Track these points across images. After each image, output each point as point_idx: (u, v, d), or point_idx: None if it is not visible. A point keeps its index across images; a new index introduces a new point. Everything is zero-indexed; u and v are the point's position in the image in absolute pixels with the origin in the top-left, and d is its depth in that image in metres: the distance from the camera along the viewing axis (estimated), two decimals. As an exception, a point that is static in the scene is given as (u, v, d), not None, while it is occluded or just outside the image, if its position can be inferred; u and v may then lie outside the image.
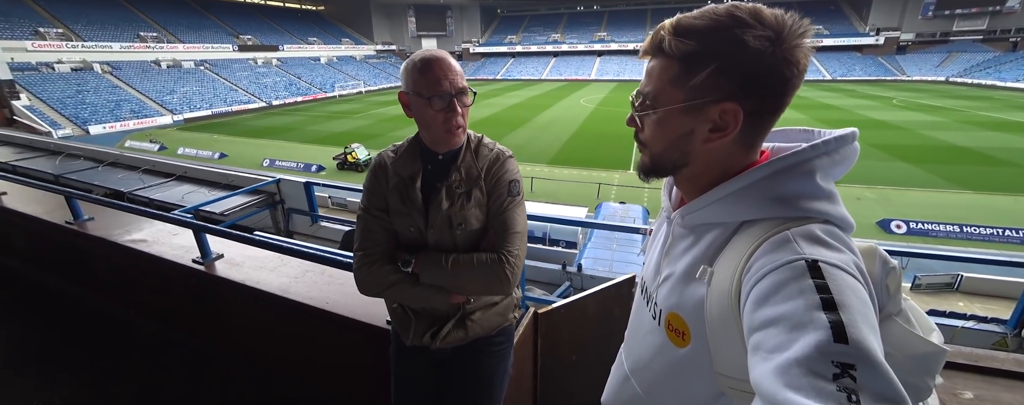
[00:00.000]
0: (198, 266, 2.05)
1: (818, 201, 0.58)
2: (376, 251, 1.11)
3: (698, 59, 0.58)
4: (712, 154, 0.64)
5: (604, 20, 65.97)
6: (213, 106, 32.99)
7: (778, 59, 0.55)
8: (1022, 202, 12.11)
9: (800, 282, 0.49)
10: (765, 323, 0.49)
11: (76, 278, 2.86)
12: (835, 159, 0.61)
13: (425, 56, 1.01)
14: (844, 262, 0.51)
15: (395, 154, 1.15)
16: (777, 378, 0.44)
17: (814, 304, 0.47)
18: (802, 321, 0.46)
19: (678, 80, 0.60)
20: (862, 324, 0.45)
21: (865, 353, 0.43)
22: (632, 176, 15.57)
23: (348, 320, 1.60)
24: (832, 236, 0.55)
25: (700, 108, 0.60)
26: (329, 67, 51.04)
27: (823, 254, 0.52)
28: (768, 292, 0.51)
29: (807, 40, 0.56)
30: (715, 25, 0.57)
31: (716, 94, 0.58)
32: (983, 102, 29.28)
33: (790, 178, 0.60)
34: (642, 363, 0.79)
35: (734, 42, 0.55)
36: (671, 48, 0.60)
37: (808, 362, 0.43)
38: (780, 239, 0.55)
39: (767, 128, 0.63)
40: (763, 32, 0.54)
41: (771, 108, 0.59)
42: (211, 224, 2.31)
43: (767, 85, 0.57)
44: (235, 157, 19.39)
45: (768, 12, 0.56)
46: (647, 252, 0.86)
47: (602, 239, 7.81)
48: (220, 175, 5.48)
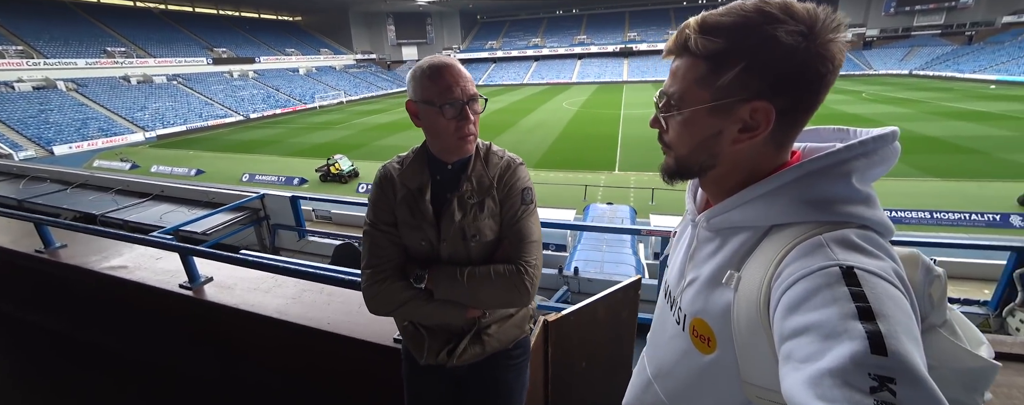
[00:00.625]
0: (186, 291, 1.94)
1: (854, 205, 0.56)
2: (387, 267, 1.05)
3: (727, 57, 0.55)
4: (741, 155, 0.61)
5: (583, 23, 66.98)
6: (188, 121, 32.12)
7: (812, 55, 0.52)
8: (986, 187, 12.66)
9: (834, 289, 0.47)
10: (796, 332, 0.47)
11: (55, 311, 2.69)
12: (874, 160, 0.57)
13: (434, 63, 0.97)
14: (883, 269, 0.48)
15: (401, 165, 1.10)
16: (808, 389, 0.42)
17: (849, 313, 0.44)
18: (836, 330, 0.44)
19: (705, 79, 0.58)
20: (903, 335, 0.42)
21: (907, 366, 0.40)
22: (617, 176, 15.73)
23: (353, 340, 1.53)
24: (869, 241, 0.52)
25: (729, 108, 0.57)
26: (308, 78, 50.36)
27: (859, 260, 0.49)
28: (799, 299, 0.49)
29: (842, 34, 0.54)
30: (744, 21, 0.54)
31: (746, 93, 0.55)
32: (945, 93, 30.66)
33: (824, 180, 0.57)
34: (666, 368, 0.76)
35: (765, 38, 0.53)
36: (697, 47, 0.57)
37: (842, 373, 0.41)
38: (812, 244, 0.53)
39: (800, 127, 0.60)
40: (795, 27, 0.52)
41: (805, 106, 0.56)
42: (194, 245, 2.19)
43: (801, 82, 0.54)
44: (213, 173, 18.87)
45: (800, 6, 0.54)
46: (670, 255, 0.84)
47: (592, 241, 7.83)
48: (200, 193, 5.29)
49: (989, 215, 10.74)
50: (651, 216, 10.02)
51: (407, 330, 1.17)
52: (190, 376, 2.18)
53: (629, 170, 16.38)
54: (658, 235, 2.40)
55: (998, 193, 12.14)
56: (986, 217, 10.70)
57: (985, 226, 10.57)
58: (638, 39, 59.72)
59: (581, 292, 4.87)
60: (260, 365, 1.96)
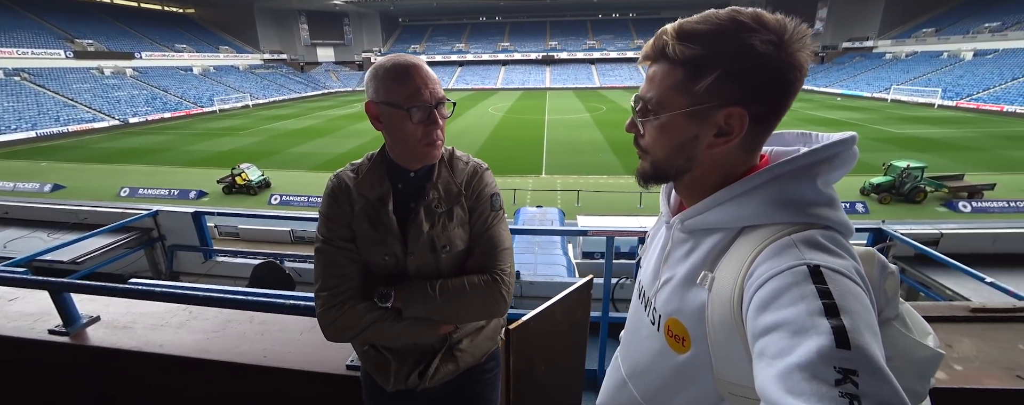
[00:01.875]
0: (60, 338, 1.55)
1: (819, 206, 0.59)
2: (345, 288, 0.94)
3: (704, 64, 0.57)
4: (716, 159, 0.64)
5: (507, 31, 68.48)
6: (38, 126, 26.41)
7: (783, 63, 0.56)
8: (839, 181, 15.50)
9: (802, 287, 0.49)
10: (768, 329, 0.49)
11: None
12: (836, 164, 0.61)
13: (400, 62, 0.89)
14: (846, 268, 0.52)
15: (356, 174, 1.00)
16: (779, 384, 0.44)
17: (816, 310, 0.47)
18: (804, 326, 0.46)
19: (682, 85, 0.60)
20: (864, 330, 0.45)
21: (867, 359, 0.43)
22: (544, 180, 16.27)
23: (296, 373, 1.34)
24: (833, 242, 0.56)
25: (706, 113, 0.59)
26: (205, 78, 44.60)
27: (825, 260, 0.52)
28: (770, 297, 0.51)
29: (808, 44, 0.58)
30: (719, 30, 0.57)
31: (722, 99, 0.58)
32: (807, 103, 36.77)
33: (792, 183, 0.60)
34: (640, 368, 0.78)
35: (741, 46, 0.55)
36: (675, 53, 0.59)
37: (810, 367, 0.43)
38: (782, 244, 0.55)
39: (770, 131, 0.63)
40: (768, 36, 0.55)
41: (775, 112, 0.59)
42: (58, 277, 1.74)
43: (773, 89, 0.57)
44: (78, 188, 15.74)
45: (770, 16, 0.56)
46: (644, 256, 0.86)
47: (524, 243, 7.98)
48: (65, 213, 4.35)
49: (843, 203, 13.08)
50: (578, 217, 10.49)
51: (368, 354, 1.06)
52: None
53: (555, 173, 17.04)
54: (603, 235, 2.50)
55: (846, 185, 14.79)
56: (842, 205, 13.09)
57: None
58: (559, 48, 62.60)
59: (524, 296, 4.91)
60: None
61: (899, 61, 44.75)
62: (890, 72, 42.45)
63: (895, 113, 30.18)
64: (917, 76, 38.81)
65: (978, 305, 1.73)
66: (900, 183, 13.26)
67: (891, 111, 31.25)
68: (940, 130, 23.57)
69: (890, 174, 13.56)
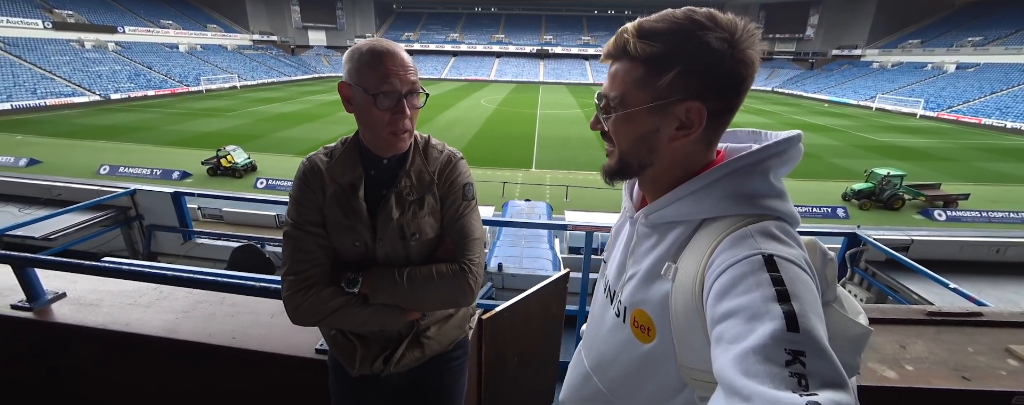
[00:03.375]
0: (24, 313, 1.52)
1: (772, 199, 0.63)
2: (312, 272, 0.94)
3: (664, 61, 0.60)
4: (677, 153, 0.66)
5: (502, 23, 67.75)
6: (13, 98, 25.43)
7: (735, 60, 0.59)
8: (821, 185, 15.75)
9: (757, 275, 0.53)
10: (726, 315, 0.52)
11: None
12: (784, 159, 0.66)
13: (375, 47, 0.89)
14: (795, 257, 0.55)
15: (329, 158, 0.99)
16: (735, 366, 0.46)
17: (770, 296, 0.50)
18: (759, 312, 0.49)
19: (643, 81, 0.62)
20: (811, 314, 0.49)
21: (814, 341, 0.46)
22: (534, 174, 16.26)
23: (264, 355, 1.33)
24: (784, 232, 0.59)
25: (667, 107, 0.62)
26: (191, 56, 43.26)
27: (778, 249, 0.56)
28: (728, 285, 0.54)
29: (757, 42, 0.61)
30: (677, 28, 0.59)
31: (682, 93, 0.60)
32: (795, 108, 37.31)
33: (746, 177, 0.64)
34: (606, 360, 0.80)
35: (698, 44, 0.58)
36: (636, 50, 0.61)
37: (763, 350, 0.46)
38: (740, 235, 0.59)
39: (725, 126, 0.67)
40: (721, 34, 0.58)
41: (730, 106, 0.63)
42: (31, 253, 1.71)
43: (727, 84, 0.60)
44: (54, 164, 15.23)
45: (722, 16, 0.60)
46: (609, 251, 0.88)
47: (510, 237, 8.00)
48: (38, 188, 4.23)
49: (824, 208, 13.44)
50: (566, 212, 10.55)
51: (335, 339, 1.06)
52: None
53: (545, 168, 17.03)
54: (583, 230, 2.52)
55: (829, 190, 15.15)
56: (822, 209, 13.38)
57: (821, 217, 13.18)
58: (553, 42, 62.26)
59: (505, 288, 4.95)
60: (144, 396, 1.60)
61: (885, 70, 45.57)
62: (876, 81, 43.23)
63: (879, 121, 30.85)
64: (901, 86, 39.59)
65: (934, 309, 1.81)
66: (880, 190, 13.61)
67: (875, 119, 31.93)
68: (920, 140, 24.19)
69: (871, 181, 13.89)
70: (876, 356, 1.51)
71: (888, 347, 1.56)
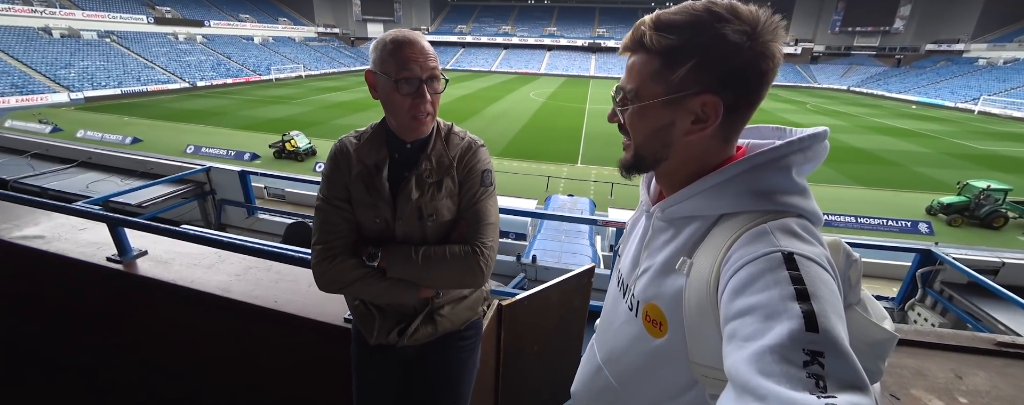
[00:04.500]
0: (115, 265, 1.79)
1: (793, 196, 0.61)
2: (338, 244, 1.03)
3: (680, 53, 0.59)
4: (692, 147, 0.65)
5: (554, 15, 66.86)
6: (123, 84, 29.05)
7: (756, 53, 0.57)
8: (901, 196, 14.15)
9: (776, 273, 0.51)
10: (741, 312, 0.51)
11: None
12: (808, 155, 0.64)
13: (397, 36, 0.95)
14: (816, 255, 0.54)
15: (358, 140, 1.07)
16: (751, 365, 0.45)
17: (789, 295, 0.49)
18: (777, 310, 0.48)
19: (659, 74, 0.61)
20: (832, 314, 0.47)
21: (833, 341, 0.45)
22: (579, 169, 16.05)
23: (301, 319, 1.48)
24: (806, 230, 0.58)
25: (681, 101, 0.61)
26: (264, 48, 46.94)
27: (798, 247, 0.54)
28: (745, 282, 0.53)
29: (781, 35, 0.59)
30: (695, 20, 0.58)
31: (697, 87, 0.59)
32: (875, 109, 33.64)
33: (768, 173, 0.62)
34: (617, 354, 0.80)
35: (714, 36, 0.57)
36: (652, 43, 0.60)
37: (781, 350, 0.45)
38: (758, 232, 0.57)
39: (744, 121, 0.65)
40: (741, 27, 0.56)
41: (748, 101, 0.61)
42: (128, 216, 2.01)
43: (745, 78, 0.59)
44: (152, 142, 17.27)
45: (744, 8, 0.58)
46: (623, 245, 0.88)
47: (551, 230, 7.97)
48: (136, 162, 4.83)
49: (902, 222, 12.03)
50: (609, 209, 10.34)
51: (358, 309, 1.16)
52: (117, 357, 2.02)
53: (591, 164, 16.74)
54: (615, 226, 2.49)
55: (911, 202, 13.59)
56: (900, 223, 11.98)
57: (898, 231, 11.83)
58: (606, 35, 60.47)
59: (537, 280, 4.97)
60: (200, 344, 1.85)
61: (994, 68, 39.71)
62: (982, 80, 37.81)
63: (982, 127, 27.02)
64: (1016, 86, 34.31)
65: (1007, 339, 1.61)
66: (976, 205, 11.91)
67: (977, 124, 28.02)
68: (1035, 150, 21.00)
69: (965, 194, 12.21)
70: (924, 383, 1.37)
71: (941, 375, 1.41)
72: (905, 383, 1.37)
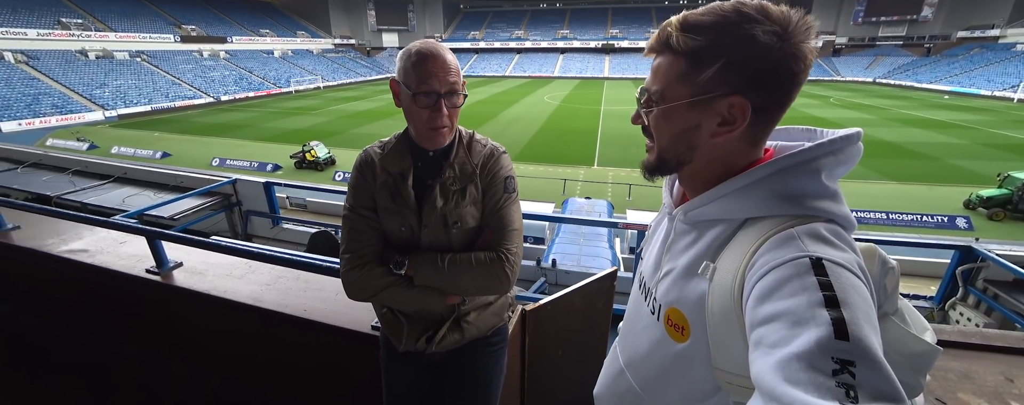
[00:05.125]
0: (153, 276, 1.87)
1: (823, 200, 0.59)
2: (366, 253, 1.05)
3: (707, 55, 0.58)
4: (718, 149, 0.64)
5: (566, 18, 66.87)
6: (153, 101, 30.46)
7: (786, 54, 0.56)
8: (935, 190, 13.53)
9: (803, 279, 0.50)
10: (767, 319, 0.49)
11: (3, 295, 2.54)
12: (840, 158, 0.61)
13: (421, 49, 0.97)
14: (847, 261, 0.52)
15: (382, 150, 1.09)
16: (777, 373, 0.44)
17: (817, 301, 0.47)
18: (804, 317, 0.46)
19: (685, 76, 0.61)
20: (863, 322, 0.46)
21: (865, 350, 0.43)
22: (596, 172, 15.93)
23: (329, 327, 1.51)
24: (836, 235, 0.56)
25: (708, 103, 0.60)
26: (283, 61, 48.50)
27: (827, 252, 0.52)
28: (771, 288, 0.51)
29: (813, 36, 0.57)
30: (723, 21, 0.57)
31: (724, 89, 0.58)
32: (903, 101, 32.34)
33: (796, 176, 0.60)
34: (639, 357, 0.79)
35: (743, 37, 0.56)
36: (678, 44, 0.60)
37: (808, 357, 0.43)
38: (785, 236, 0.56)
39: (773, 123, 0.63)
40: (771, 27, 0.55)
41: (778, 103, 0.60)
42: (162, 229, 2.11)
43: (775, 80, 0.57)
44: (180, 156, 18.02)
45: (774, 8, 0.57)
46: (645, 247, 0.87)
47: (570, 234, 7.92)
48: (167, 176, 5.05)
49: (938, 217, 11.47)
50: (628, 211, 10.22)
51: (385, 317, 1.17)
52: (157, 364, 2.11)
53: (608, 166, 16.61)
54: (635, 229, 2.46)
55: (947, 196, 12.97)
56: (935, 219, 11.42)
57: (934, 227, 11.28)
58: (620, 36, 60.17)
59: (558, 284, 4.95)
60: (233, 352, 1.91)
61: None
62: (1021, 66, 35.93)
63: (1022, 115, 25.68)
64: (1058, 72, 32.60)
65: (1065, 339, 1.52)
66: (1019, 198, 11.30)
67: (1017, 113, 26.63)
68: (1081, 138, 19.76)
69: (1007, 186, 11.59)
70: (972, 386, 1.31)
71: (990, 378, 1.34)
72: (951, 387, 1.31)
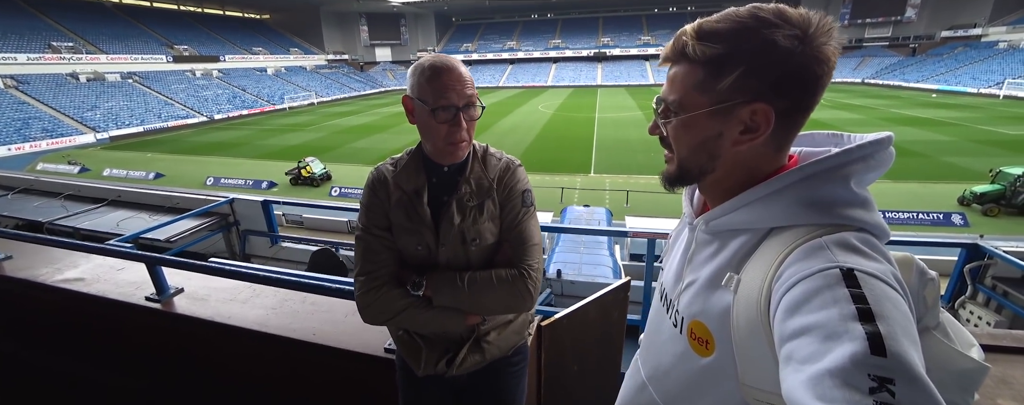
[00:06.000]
0: (153, 304, 1.80)
1: (853, 208, 0.57)
2: (382, 274, 1.01)
3: (726, 62, 0.56)
4: (740, 157, 0.62)
5: (558, 28, 67.82)
6: (145, 122, 30.30)
7: (808, 57, 0.54)
8: (929, 187, 13.64)
9: (834, 291, 0.47)
10: (797, 332, 0.47)
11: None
12: (871, 164, 0.59)
13: (435, 63, 0.94)
14: (881, 272, 0.49)
15: (395, 167, 1.06)
16: (809, 390, 0.42)
17: (849, 314, 0.45)
18: (836, 331, 0.44)
19: (704, 84, 0.59)
20: (902, 337, 0.43)
21: (906, 367, 0.40)
22: (593, 179, 15.96)
23: (341, 351, 1.45)
24: (867, 244, 0.53)
25: (729, 111, 0.58)
26: (277, 78, 48.63)
27: (859, 263, 0.50)
28: (800, 300, 0.49)
29: (834, 37, 0.55)
30: (740, 27, 0.56)
31: (746, 96, 0.57)
32: (892, 101, 32.87)
33: (824, 183, 0.58)
34: (661, 371, 0.76)
35: (763, 42, 0.54)
36: (695, 53, 0.58)
37: (842, 374, 0.41)
38: (813, 246, 0.53)
39: (797, 128, 0.61)
40: (791, 31, 0.53)
41: (802, 107, 0.58)
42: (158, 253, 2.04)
43: (798, 84, 0.56)
44: (174, 177, 17.86)
45: (792, 11, 0.55)
46: (666, 258, 0.84)
47: (570, 243, 7.89)
48: (162, 197, 4.98)
49: (934, 214, 11.55)
50: (626, 218, 10.20)
51: (402, 339, 1.12)
52: (162, 398, 2.02)
53: (604, 172, 16.65)
54: (644, 237, 2.43)
55: (940, 193, 13.08)
56: (931, 216, 11.50)
57: (930, 225, 11.34)
58: (611, 44, 61.01)
59: (564, 294, 4.89)
60: (240, 381, 1.83)
61: (1017, 50, 38.46)
62: (1004, 64, 36.67)
63: (1008, 112, 26.11)
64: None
65: (1090, 337, 1.49)
66: (1012, 193, 11.42)
67: (1003, 109, 27.09)
68: (1068, 132, 20.08)
69: (999, 182, 11.73)
70: (1010, 392, 1.27)
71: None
72: (989, 393, 1.27)
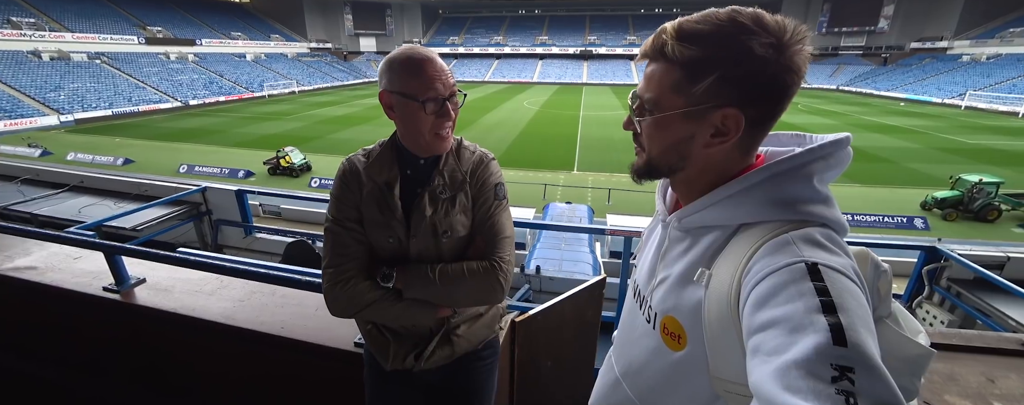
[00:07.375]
0: (111, 295, 1.72)
1: (816, 205, 0.59)
2: (350, 267, 0.99)
3: (702, 65, 0.57)
4: (711, 158, 0.64)
5: (545, 24, 67.75)
6: (114, 105, 28.90)
7: (781, 66, 0.55)
8: (896, 192, 14.24)
9: (800, 284, 0.49)
10: (764, 325, 0.49)
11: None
12: (831, 163, 0.62)
13: (414, 55, 0.92)
14: (842, 266, 0.52)
15: (367, 159, 1.04)
16: (776, 380, 0.44)
17: (814, 307, 0.47)
18: (802, 323, 0.46)
19: (680, 85, 0.60)
20: (861, 327, 0.45)
21: (864, 356, 0.43)
22: (576, 176, 16.07)
23: (309, 345, 1.42)
24: (830, 240, 0.56)
25: (702, 114, 0.59)
26: (256, 65, 47.08)
27: (822, 257, 0.52)
28: (768, 294, 0.51)
29: (807, 43, 0.57)
30: (719, 31, 0.56)
31: (719, 100, 0.58)
32: (864, 108, 34.10)
33: (789, 181, 0.60)
34: (635, 367, 0.78)
35: (740, 50, 0.55)
36: (674, 53, 0.59)
37: (807, 364, 0.43)
38: (780, 242, 0.55)
39: (765, 132, 0.64)
40: (767, 39, 0.54)
41: (772, 114, 0.60)
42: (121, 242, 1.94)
43: (769, 92, 0.57)
44: (145, 163, 17.14)
45: (769, 18, 0.56)
46: (639, 255, 0.86)
47: (551, 239, 7.93)
48: (130, 184, 4.77)
49: (898, 218, 12.09)
50: (608, 216, 10.31)
51: (370, 333, 1.11)
52: (118, 392, 1.94)
53: (587, 170, 16.77)
54: (621, 234, 2.45)
55: (905, 198, 13.68)
56: (896, 219, 12.03)
57: (895, 227, 11.88)
58: (598, 43, 61.29)
59: (542, 291, 4.92)
60: (204, 376, 1.77)
61: (978, 64, 40.47)
62: (966, 76, 38.52)
63: (969, 121, 27.47)
64: (999, 81, 34.97)
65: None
66: (970, 199, 12.02)
67: (965, 119, 28.47)
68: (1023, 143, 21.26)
69: (958, 188, 12.33)
70: (956, 389, 1.34)
71: (973, 379, 1.38)
72: (937, 389, 1.34)
